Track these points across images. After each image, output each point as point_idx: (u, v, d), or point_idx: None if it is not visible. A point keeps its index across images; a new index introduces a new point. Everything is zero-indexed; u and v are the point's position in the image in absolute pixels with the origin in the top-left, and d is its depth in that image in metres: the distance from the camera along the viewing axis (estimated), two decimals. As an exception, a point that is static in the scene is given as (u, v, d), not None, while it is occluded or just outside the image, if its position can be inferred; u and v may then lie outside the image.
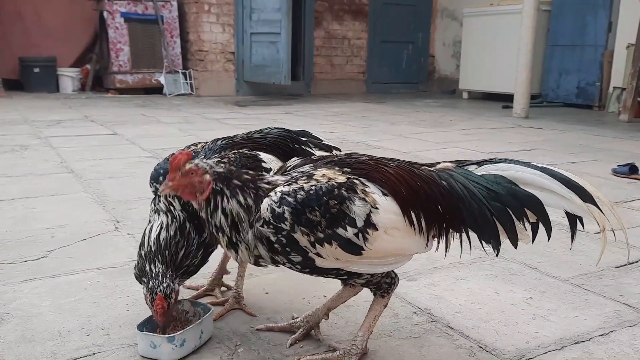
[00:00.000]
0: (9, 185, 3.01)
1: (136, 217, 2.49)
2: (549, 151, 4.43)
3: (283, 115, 6.52)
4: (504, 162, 1.29)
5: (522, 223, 1.25)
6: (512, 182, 1.25)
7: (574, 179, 1.25)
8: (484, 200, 1.24)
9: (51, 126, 5.20)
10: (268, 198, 1.20)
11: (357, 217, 1.19)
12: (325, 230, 1.18)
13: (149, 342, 1.37)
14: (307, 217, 1.18)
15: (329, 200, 1.18)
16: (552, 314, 1.66)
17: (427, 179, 1.27)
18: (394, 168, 1.28)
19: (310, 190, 1.19)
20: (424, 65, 10.70)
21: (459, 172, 1.29)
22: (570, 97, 7.98)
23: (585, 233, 2.39)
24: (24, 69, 8.37)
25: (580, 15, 7.70)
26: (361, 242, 1.20)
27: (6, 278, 1.83)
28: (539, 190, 1.24)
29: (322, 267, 1.25)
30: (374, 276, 1.31)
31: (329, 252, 1.20)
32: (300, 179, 1.23)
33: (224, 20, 8.67)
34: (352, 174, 1.24)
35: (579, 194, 1.23)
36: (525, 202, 1.23)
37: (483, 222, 1.24)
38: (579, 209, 1.23)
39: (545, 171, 1.25)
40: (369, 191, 1.22)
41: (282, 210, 1.18)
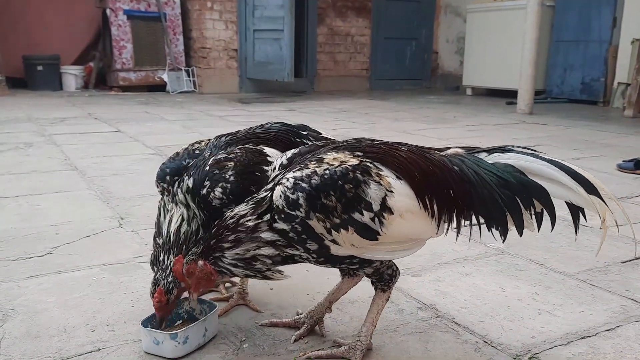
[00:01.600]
0: (13, 183, 3.01)
1: (140, 214, 2.50)
2: (554, 147, 4.42)
3: (286, 113, 6.52)
4: (513, 151, 1.30)
5: (528, 212, 1.25)
6: (521, 172, 1.26)
7: (581, 171, 1.25)
8: (495, 187, 1.24)
9: (55, 124, 5.20)
10: (280, 185, 1.18)
11: (373, 201, 1.17)
12: (341, 216, 1.16)
13: (152, 338, 1.37)
14: (322, 203, 1.15)
15: (344, 184, 1.16)
16: (557, 309, 1.65)
17: (439, 164, 1.27)
18: (405, 152, 1.27)
19: (325, 174, 1.17)
20: (428, 61, 10.67)
21: (470, 159, 1.29)
22: (575, 93, 7.95)
23: (591, 229, 2.38)
24: (27, 67, 8.38)
25: (585, 11, 7.66)
26: (377, 226, 1.18)
27: (11, 274, 1.84)
28: (546, 181, 1.24)
29: (336, 255, 1.23)
30: (383, 263, 1.30)
31: (345, 238, 1.18)
32: (310, 163, 1.21)
33: (227, 17, 8.66)
34: (364, 158, 1.23)
35: (585, 186, 1.23)
36: (533, 191, 1.24)
37: (493, 208, 1.24)
38: (584, 202, 1.23)
39: (553, 163, 1.26)
40: (384, 174, 1.20)
41: (296, 196, 1.15)
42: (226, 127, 5.22)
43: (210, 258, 1.27)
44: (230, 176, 1.36)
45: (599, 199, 1.23)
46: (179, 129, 5.08)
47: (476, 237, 2.23)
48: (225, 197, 1.35)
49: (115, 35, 8.18)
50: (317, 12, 9.36)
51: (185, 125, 5.29)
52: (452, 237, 1.30)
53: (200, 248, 1.29)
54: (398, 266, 1.38)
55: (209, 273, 1.27)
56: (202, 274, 1.27)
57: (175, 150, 1.60)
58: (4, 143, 4.16)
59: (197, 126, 5.26)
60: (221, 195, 1.35)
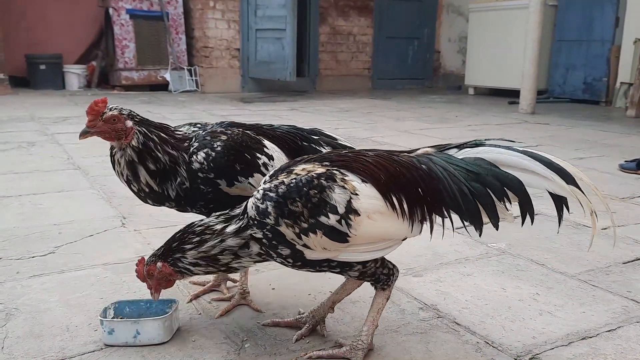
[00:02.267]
0: (16, 182, 3.02)
1: (142, 214, 2.50)
2: (556, 147, 4.42)
3: (288, 112, 6.52)
4: (484, 145, 1.30)
5: (503, 203, 1.26)
6: (492, 164, 1.26)
7: (556, 160, 1.25)
8: (464, 181, 1.25)
9: (57, 123, 5.21)
10: (252, 197, 1.26)
11: (338, 204, 1.21)
12: (308, 220, 1.21)
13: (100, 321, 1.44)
14: (289, 209, 1.21)
15: (309, 190, 1.22)
16: (559, 309, 1.65)
17: (407, 165, 1.29)
18: (372, 157, 1.30)
19: (291, 183, 1.24)
20: (430, 61, 10.66)
21: (439, 156, 1.31)
22: (577, 92, 7.94)
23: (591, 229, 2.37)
24: (30, 66, 8.40)
25: (587, 10, 7.65)
26: (345, 228, 1.22)
27: (14, 273, 1.85)
28: (520, 172, 1.25)
29: (312, 260, 1.26)
30: (367, 267, 1.31)
31: (315, 241, 1.22)
32: (280, 175, 1.28)
33: (229, 16, 8.67)
34: (331, 166, 1.27)
35: (560, 174, 1.23)
36: (505, 182, 1.25)
37: (464, 202, 1.25)
38: (560, 189, 1.23)
39: (526, 153, 1.26)
40: (348, 179, 1.24)
41: (265, 205, 1.23)
42: (228, 126, 5.22)
43: (169, 259, 1.33)
44: (218, 146, 1.43)
45: (575, 187, 1.23)
46: (181, 128, 5.07)
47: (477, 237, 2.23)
48: (206, 164, 1.41)
49: (118, 35, 8.19)
50: (319, 12, 9.36)
51: (188, 125, 5.29)
52: (454, 238, 1.29)
53: (161, 250, 1.35)
54: (397, 266, 1.38)
55: (167, 274, 1.34)
56: (160, 275, 1.34)
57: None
58: (7, 142, 4.17)
59: (199, 125, 5.26)
60: (203, 160, 1.41)
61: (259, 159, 1.49)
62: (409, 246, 2.12)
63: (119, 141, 1.41)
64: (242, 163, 1.45)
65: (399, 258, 2.00)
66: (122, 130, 1.40)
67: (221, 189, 1.45)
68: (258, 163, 1.48)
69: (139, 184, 1.44)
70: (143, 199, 1.50)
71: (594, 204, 1.26)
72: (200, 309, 1.64)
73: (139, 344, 1.42)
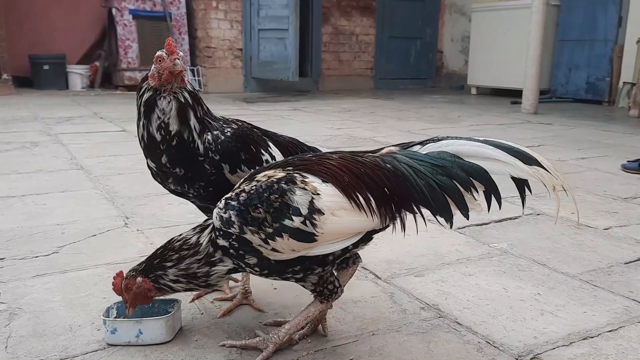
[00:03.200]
0: (20, 182, 3.04)
1: (145, 213, 2.51)
2: (558, 147, 4.41)
3: (291, 112, 6.53)
4: (446, 139, 1.32)
5: (470, 193, 1.27)
6: (455, 156, 1.28)
7: (516, 146, 1.27)
8: (430, 175, 1.27)
9: (61, 123, 5.23)
10: (216, 207, 1.28)
11: (301, 205, 1.23)
12: (272, 225, 1.23)
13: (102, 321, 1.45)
14: (252, 216, 1.23)
15: (269, 195, 1.24)
16: (560, 309, 1.65)
17: (371, 165, 1.31)
18: (336, 160, 1.32)
19: (251, 190, 1.26)
20: (432, 61, 10.66)
21: (403, 154, 1.32)
22: (580, 92, 7.93)
23: (594, 229, 2.38)
24: (33, 66, 8.43)
25: (590, 10, 7.64)
26: (310, 228, 1.23)
27: (18, 273, 1.86)
28: (483, 160, 1.26)
29: (280, 265, 1.28)
30: (325, 270, 1.32)
31: (283, 245, 1.24)
32: (242, 184, 1.30)
33: (232, 16, 8.68)
34: (292, 171, 1.29)
35: (521, 158, 1.24)
36: (470, 172, 1.26)
37: (432, 197, 1.26)
38: (523, 173, 1.24)
39: (487, 142, 1.28)
40: (309, 181, 1.26)
41: (228, 215, 1.25)
42: (231, 126, 5.23)
43: (151, 276, 1.36)
44: (228, 132, 1.47)
45: (539, 167, 1.24)
46: (183, 129, 5.08)
47: (479, 237, 2.23)
48: (214, 145, 1.43)
49: (121, 35, 8.21)
50: (321, 12, 9.36)
51: (190, 125, 5.30)
52: (455, 238, 1.30)
53: (142, 266, 1.37)
54: (399, 265, 1.39)
55: (146, 290, 1.37)
56: (139, 290, 1.37)
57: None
58: (11, 142, 4.19)
59: (201, 125, 5.27)
60: (211, 140, 1.44)
61: (263, 155, 1.52)
62: (411, 246, 2.13)
63: (179, 82, 1.41)
64: (247, 153, 1.48)
65: (400, 258, 2.01)
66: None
67: (223, 174, 1.46)
68: (261, 159, 1.51)
69: (182, 128, 1.41)
70: (163, 151, 1.43)
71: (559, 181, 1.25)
72: (203, 308, 1.64)
73: (141, 344, 1.43)
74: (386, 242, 1.35)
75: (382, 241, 1.35)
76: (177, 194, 1.54)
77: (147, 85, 1.43)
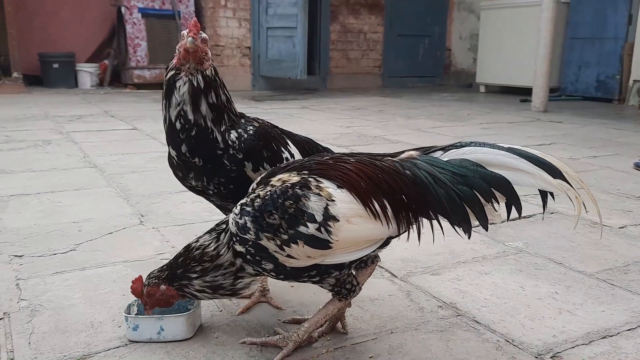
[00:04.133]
0: (34, 180, 3.06)
1: (160, 211, 2.53)
2: (569, 145, 4.40)
3: (299, 110, 6.53)
4: (470, 145, 1.29)
5: (491, 204, 1.24)
6: (478, 165, 1.24)
7: (542, 156, 1.24)
8: (450, 184, 1.24)
9: (72, 121, 5.26)
10: (232, 213, 1.28)
11: (315, 212, 1.21)
12: (287, 231, 1.22)
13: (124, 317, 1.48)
14: (267, 222, 1.22)
15: (284, 201, 1.22)
16: (578, 308, 1.65)
17: (390, 170, 1.28)
18: (353, 164, 1.29)
19: (266, 196, 1.24)
20: (441, 58, 10.63)
21: (423, 160, 1.29)
22: (590, 90, 7.89)
23: (609, 227, 2.37)
24: (43, 64, 8.47)
25: (600, 8, 7.60)
26: (325, 235, 1.21)
27: (37, 270, 1.87)
28: (507, 170, 1.23)
29: (295, 270, 1.28)
30: (342, 273, 1.32)
31: (298, 252, 1.23)
32: (257, 188, 1.29)
33: (240, 15, 8.69)
34: (308, 175, 1.27)
35: (547, 170, 1.21)
36: (492, 183, 1.23)
37: (451, 206, 1.24)
38: (548, 185, 1.22)
39: (512, 151, 1.24)
40: (323, 186, 1.24)
41: (243, 221, 1.24)
42: (241, 124, 5.24)
43: (176, 284, 1.37)
44: (250, 130, 1.48)
45: (563, 181, 1.21)
46: (194, 127, 5.10)
47: (494, 235, 2.23)
48: (237, 144, 1.44)
49: (130, 33, 8.24)
50: (329, 10, 9.36)
51: (200, 123, 5.32)
52: (472, 236, 1.29)
53: (165, 273, 1.38)
54: (415, 264, 1.39)
55: (170, 296, 1.38)
56: (162, 297, 1.38)
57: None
58: (23, 140, 4.22)
59: (211, 124, 5.28)
60: (235, 139, 1.44)
61: (283, 152, 1.52)
62: (426, 245, 2.13)
63: (197, 64, 1.41)
64: (269, 151, 1.49)
65: (416, 256, 2.01)
66: (205, 54, 1.43)
67: (245, 171, 1.46)
68: (282, 157, 1.51)
69: (194, 115, 1.40)
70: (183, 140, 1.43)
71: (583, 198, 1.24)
72: (221, 305, 1.65)
73: (162, 340, 1.44)
74: (401, 241, 1.35)
75: (397, 239, 1.35)
76: (197, 191, 1.55)
77: (171, 64, 1.44)
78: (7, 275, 1.83)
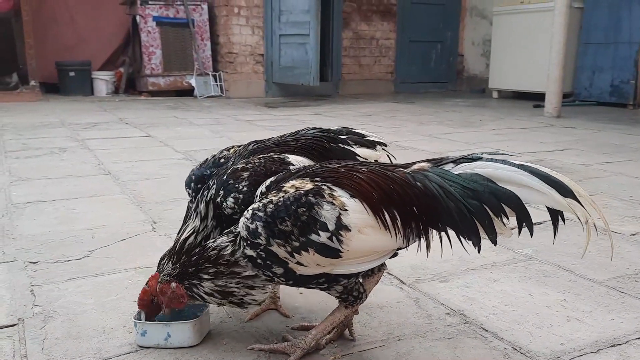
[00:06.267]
0: (50, 187, 3.12)
1: (173, 218, 2.56)
2: (582, 151, 4.37)
3: (312, 117, 6.56)
4: (481, 159, 1.29)
5: (500, 219, 1.25)
6: (489, 180, 1.25)
7: (553, 174, 1.23)
8: (461, 198, 1.24)
9: (87, 129, 5.34)
10: (243, 217, 1.27)
11: (328, 220, 1.22)
12: (299, 239, 1.22)
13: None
14: (279, 229, 1.22)
15: (297, 208, 1.22)
16: (587, 316, 1.65)
17: (401, 181, 1.29)
18: (365, 173, 1.30)
19: (279, 202, 1.24)
20: (453, 64, 10.61)
21: (435, 172, 1.29)
22: (604, 95, 7.82)
23: (620, 235, 2.36)
24: (60, 72, 8.61)
25: (614, 12, 7.54)
26: (336, 244, 1.22)
27: (51, 276, 1.91)
28: (517, 187, 1.23)
29: (305, 277, 1.29)
30: (350, 281, 1.33)
31: (308, 259, 1.23)
32: (270, 193, 1.28)
33: (254, 22, 8.76)
34: (320, 182, 1.27)
35: (558, 189, 1.21)
36: (502, 198, 1.23)
37: (461, 220, 1.24)
38: (558, 205, 1.22)
39: (524, 168, 1.24)
40: (337, 195, 1.24)
41: (255, 226, 1.24)
42: (253, 131, 5.29)
43: (186, 283, 1.37)
44: (244, 187, 1.41)
45: (574, 201, 1.21)
46: (207, 134, 5.16)
47: (503, 242, 2.23)
48: (237, 207, 1.41)
49: (145, 42, 8.35)
50: (342, 17, 9.39)
51: (213, 130, 5.38)
52: (482, 243, 1.30)
53: (177, 271, 1.38)
54: (423, 271, 1.40)
55: (180, 296, 1.39)
56: (173, 295, 1.39)
57: (204, 155, 1.66)
58: (40, 148, 4.30)
59: (225, 130, 5.34)
60: (233, 205, 1.41)
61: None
62: (434, 251, 2.13)
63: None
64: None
65: (424, 263, 2.02)
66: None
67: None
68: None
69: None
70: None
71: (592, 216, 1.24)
72: (230, 312, 1.67)
73: (170, 347, 1.46)
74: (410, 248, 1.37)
75: (405, 250, 1.36)
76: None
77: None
78: (23, 281, 1.87)
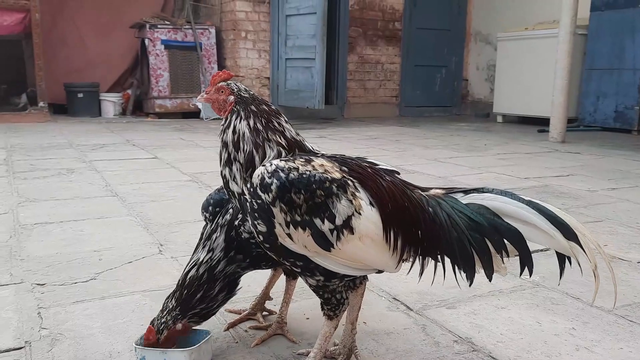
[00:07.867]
0: (58, 208, 3.13)
1: (179, 241, 2.57)
2: (587, 177, 4.37)
3: (317, 139, 6.60)
4: (491, 192, 1.29)
5: (500, 255, 1.24)
6: (494, 214, 1.24)
7: (561, 215, 1.22)
8: (465, 229, 1.24)
9: (95, 150, 5.38)
10: (262, 167, 1.24)
11: (339, 214, 1.21)
12: (303, 215, 1.21)
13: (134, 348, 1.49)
14: (290, 197, 1.20)
15: (317, 189, 1.21)
16: (596, 345, 1.64)
17: (416, 203, 1.29)
18: (388, 182, 1.30)
19: (304, 173, 1.21)
20: (458, 89, 10.69)
21: (447, 200, 1.29)
22: (608, 121, 7.85)
23: (629, 262, 2.35)
24: (69, 94, 8.72)
25: (618, 39, 7.61)
26: (333, 239, 1.22)
27: (58, 299, 1.91)
28: (522, 224, 1.22)
29: (283, 248, 1.26)
30: (331, 282, 1.31)
31: (300, 237, 1.22)
32: (298, 159, 1.26)
33: (260, 46, 8.88)
34: (347, 174, 1.27)
35: (562, 231, 1.20)
36: (505, 234, 1.22)
37: (460, 251, 1.24)
38: (561, 247, 1.21)
39: (531, 205, 1.23)
40: (358, 196, 1.24)
41: (270, 181, 1.20)
42: (259, 154, 5.30)
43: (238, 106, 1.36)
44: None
45: (577, 245, 1.20)
46: (213, 156, 5.19)
47: (510, 269, 2.22)
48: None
49: (153, 64, 8.45)
50: (347, 41, 9.51)
51: (219, 152, 5.40)
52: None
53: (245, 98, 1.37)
54: (430, 297, 1.40)
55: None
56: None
57: (211, 178, 1.68)
58: (48, 169, 4.33)
59: (230, 153, 5.36)
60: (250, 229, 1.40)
61: None
62: (440, 277, 2.13)
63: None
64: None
65: (430, 289, 2.01)
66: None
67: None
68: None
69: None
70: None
71: (597, 262, 1.24)
72: (237, 337, 1.67)
73: None
74: (417, 273, 1.36)
75: (413, 271, 1.36)
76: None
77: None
78: (30, 303, 1.88)
